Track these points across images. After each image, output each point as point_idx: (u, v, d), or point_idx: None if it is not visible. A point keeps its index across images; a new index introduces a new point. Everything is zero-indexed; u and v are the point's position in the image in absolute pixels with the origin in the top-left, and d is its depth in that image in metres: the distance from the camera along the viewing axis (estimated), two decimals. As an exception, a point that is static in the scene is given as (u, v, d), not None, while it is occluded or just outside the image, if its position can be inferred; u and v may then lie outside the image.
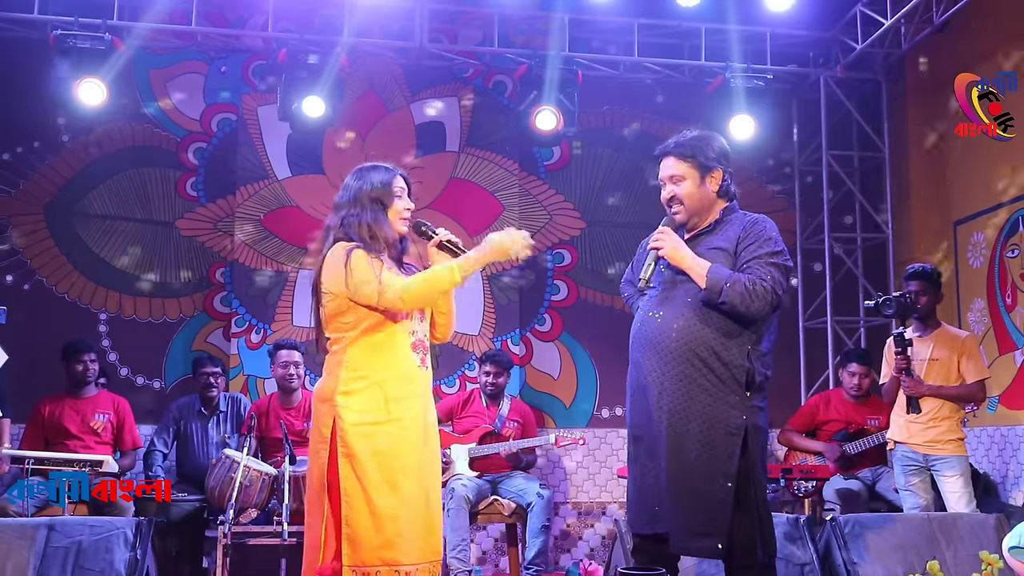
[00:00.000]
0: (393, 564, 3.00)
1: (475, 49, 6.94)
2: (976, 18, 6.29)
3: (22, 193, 6.63)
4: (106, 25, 6.05)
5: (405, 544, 3.03)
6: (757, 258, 3.25)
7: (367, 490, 3.00)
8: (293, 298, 6.79)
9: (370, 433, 3.05)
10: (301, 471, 4.93)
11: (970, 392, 4.84)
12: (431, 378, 3.27)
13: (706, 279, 3.21)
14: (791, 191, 7.41)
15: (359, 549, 2.98)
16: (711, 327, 3.24)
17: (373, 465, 3.02)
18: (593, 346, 7.07)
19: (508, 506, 5.57)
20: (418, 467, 3.11)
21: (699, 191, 3.37)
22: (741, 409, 3.22)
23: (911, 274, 4.93)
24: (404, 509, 3.04)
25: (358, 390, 3.08)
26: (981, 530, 4.41)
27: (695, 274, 3.25)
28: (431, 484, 3.17)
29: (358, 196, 3.19)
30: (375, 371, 3.10)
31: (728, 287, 3.17)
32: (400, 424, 3.09)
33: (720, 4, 6.52)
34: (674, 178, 3.39)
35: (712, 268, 3.23)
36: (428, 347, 3.24)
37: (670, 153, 3.41)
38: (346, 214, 3.19)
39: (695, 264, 3.26)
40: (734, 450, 3.19)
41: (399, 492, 3.04)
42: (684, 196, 3.37)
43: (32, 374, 5.89)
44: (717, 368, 3.22)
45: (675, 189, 3.38)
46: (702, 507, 3.18)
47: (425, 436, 3.17)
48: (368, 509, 3.00)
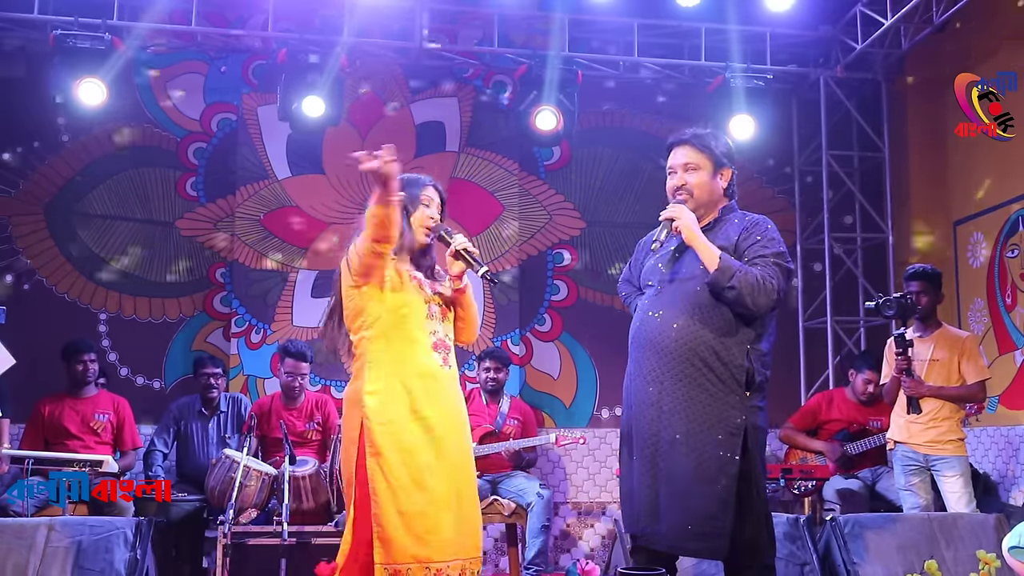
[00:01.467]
0: (425, 561, 3.01)
1: (475, 49, 6.94)
2: (976, 18, 6.29)
3: (22, 193, 6.63)
4: (106, 25, 6.05)
5: (436, 541, 3.04)
6: (763, 256, 3.25)
7: (395, 489, 3.02)
8: (293, 298, 6.79)
9: (396, 431, 3.07)
10: (301, 471, 4.95)
11: (970, 393, 4.84)
12: (456, 377, 3.29)
13: (719, 261, 3.19)
14: (791, 191, 7.41)
15: (391, 548, 2.99)
16: (711, 327, 3.24)
17: (399, 463, 3.04)
18: (593, 346, 7.07)
19: (508, 506, 5.57)
20: (447, 465, 3.12)
21: (710, 184, 3.38)
22: (741, 409, 3.22)
23: (912, 274, 4.92)
24: (433, 507, 3.05)
25: (382, 390, 3.10)
26: (981, 530, 4.41)
27: (706, 255, 3.23)
28: (463, 481, 3.17)
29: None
30: (398, 371, 3.12)
31: (741, 274, 3.16)
32: (425, 423, 3.11)
33: (720, 4, 6.52)
34: (688, 166, 3.37)
35: (724, 254, 3.23)
36: (450, 347, 3.26)
37: (688, 142, 3.40)
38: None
39: (706, 245, 3.24)
40: (734, 450, 3.18)
41: (427, 490, 3.05)
42: (695, 185, 3.36)
43: (32, 374, 5.88)
44: (717, 368, 3.22)
45: (687, 177, 3.37)
46: (701, 507, 3.17)
47: (454, 433, 3.19)
48: (396, 507, 3.01)
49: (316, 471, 5.06)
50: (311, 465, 5.11)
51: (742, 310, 3.21)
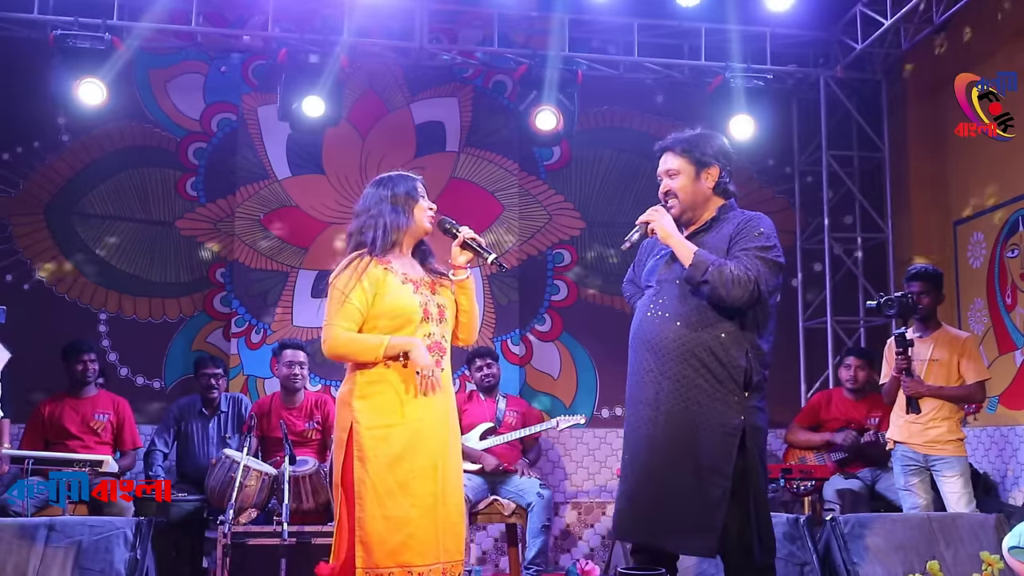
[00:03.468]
0: (406, 566, 3.02)
1: (475, 49, 6.94)
2: (976, 18, 6.29)
3: (22, 193, 6.63)
4: (106, 25, 6.04)
5: (418, 546, 3.05)
6: (745, 250, 3.27)
7: (380, 494, 3.03)
8: (293, 298, 6.79)
9: (384, 436, 3.07)
10: (301, 471, 4.95)
11: (970, 393, 4.84)
12: (450, 379, 3.29)
13: (693, 256, 3.24)
14: (791, 191, 7.41)
15: (372, 552, 3.01)
16: (710, 327, 3.25)
17: (385, 468, 3.05)
18: (593, 346, 7.07)
19: (508, 506, 5.57)
20: (433, 468, 3.12)
21: (693, 186, 3.41)
22: (739, 409, 3.22)
23: (913, 275, 4.92)
24: (416, 511, 3.06)
25: (373, 393, 3.11)
26: (981, 530, 4.41)
27: (680, 252, 3.29)
28: (449, 484, 3.17)
29: (382, 200, 3.24)
30: (390, 373, 3.12)
31: (714, 268, 3.20)
32: (415, 426, 3.11)
33: (720, 4, 6.52)
34: (670, 172, 3.44)
35: (700, 250, 3.27)
36: (446, 349, 3.26)
37: (667, 148, 3.47)
38: (366, 218, 3.24)
39: (682, 243, 3.31)
40: (731, 450, 3.19)
41: (411, 494, 3.06)
42: (678, 190, 3.41)
43: (32, 374, 5.89)
44: (715, 368, 3.22)
45: (670, 183, 3.43)
46: (698, 507, 3.18)
47: (442, 436, 3.19)
48: (381, 512, 3.02)
49: (316, 471, 5.05)
50: (311, 465, 5.11)
51: (718, 303, 3.22)
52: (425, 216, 3.27)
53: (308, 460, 5.20)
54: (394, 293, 3.14)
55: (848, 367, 5.86)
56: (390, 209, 3.21)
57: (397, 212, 3.22)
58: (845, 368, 5.89)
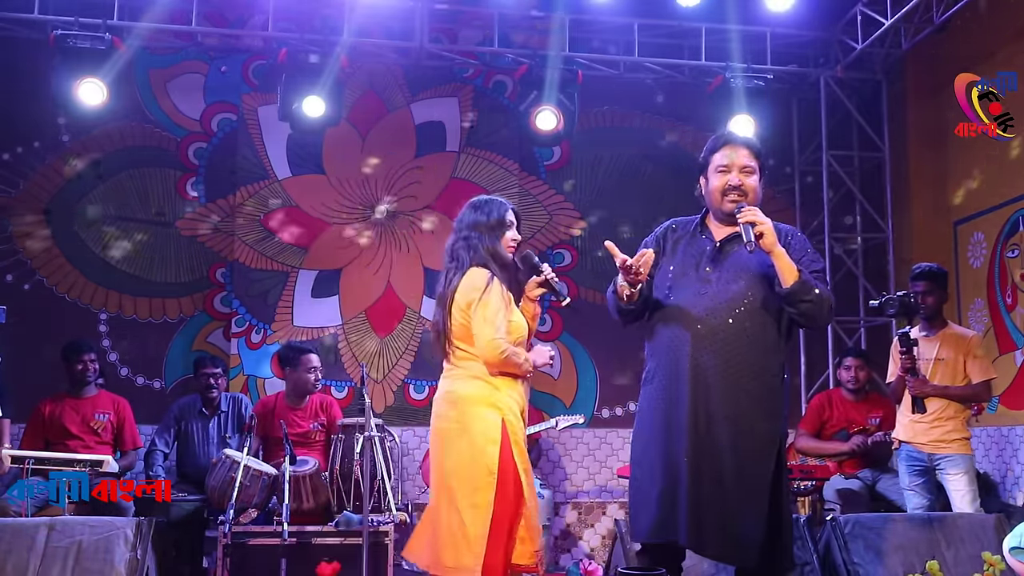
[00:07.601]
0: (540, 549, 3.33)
1: (475, 49, 6.94)
2: (976, 18, 6.29)
3: (22, 193, 6.63)
4: (106, 25, 6.05)
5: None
6: (817, 272, 3.24)
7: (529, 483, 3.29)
8: (293, 298, 6.79)
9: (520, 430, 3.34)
10: (301, 471, 4.94)
11: (975, 392, 4.82)
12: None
13: (800, 274, 3.15)
14: (791, 191, 7.41)
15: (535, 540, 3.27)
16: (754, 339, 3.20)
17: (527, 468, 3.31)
18: (593, 346, 7.06)
19: (508, 506, 5.56)
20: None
21: (759, 191, 3.37)
22: (778, 418, 3.22)
23: (918, 274, 4.91)
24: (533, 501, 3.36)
25: (511, 396, 3.34)
26: (981, 530, 4.41)
27: (784, 262, 3.16)
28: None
29: (478, 223, 3.46)
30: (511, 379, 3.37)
31: (824, 292, 3.17)
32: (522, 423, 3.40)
33: (720, 4, 6.52)
34: (747, 168, 3.34)
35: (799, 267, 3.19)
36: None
37: (747, 144, 3.39)
38: (468, 235, 3.43)
39: (783, 254, 3.19)
40: (771, 459, 3.17)
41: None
42: (751, 189, 3.32)
43: (32, 374, 5.89)
44: (762, 377, 3.19)
45: (746, 180, 3.33)
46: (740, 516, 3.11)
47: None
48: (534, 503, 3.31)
49: (316, 471, 5.05)
50: (311, 465, 5.10)
51: (806, 323, 3.21)
52: (509, 247, 3.46)
53: (308, 460, 5.20)
54: (517, 314, 3.43)
55: (848, 368, 5.86)
56: (477, 236, 3.42)
57: (494, 239, 3.42)
58: (845, 369, 5.89)
